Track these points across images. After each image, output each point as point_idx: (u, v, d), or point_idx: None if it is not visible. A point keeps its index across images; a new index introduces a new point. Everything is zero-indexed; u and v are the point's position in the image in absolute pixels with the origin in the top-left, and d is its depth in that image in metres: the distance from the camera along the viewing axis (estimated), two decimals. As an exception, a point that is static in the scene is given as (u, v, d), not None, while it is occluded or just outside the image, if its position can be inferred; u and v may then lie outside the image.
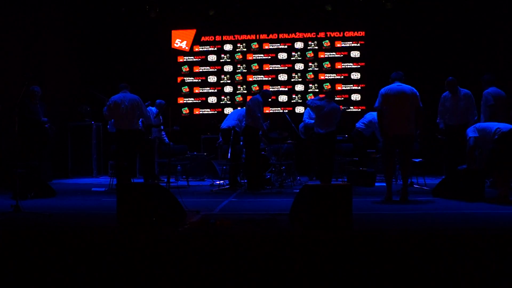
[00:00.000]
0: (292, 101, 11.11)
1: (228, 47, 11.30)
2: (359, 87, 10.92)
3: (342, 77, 10.99)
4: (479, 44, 9.87)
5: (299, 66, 11.13)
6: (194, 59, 11.36)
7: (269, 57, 11.19)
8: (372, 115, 8.03)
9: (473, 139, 5.84)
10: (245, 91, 11.05)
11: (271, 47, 11.21)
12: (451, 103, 7.24)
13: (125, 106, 6.76)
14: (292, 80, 11.13)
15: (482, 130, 5.90)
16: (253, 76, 11.22)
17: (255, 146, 7.18)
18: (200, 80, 11.37)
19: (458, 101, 7.18)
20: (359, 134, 8.18)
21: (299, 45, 11.13)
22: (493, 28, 9.66)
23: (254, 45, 11.22)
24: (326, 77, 11.04)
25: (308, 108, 8.68)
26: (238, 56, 11.25)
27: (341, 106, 8.17)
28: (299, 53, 11.14)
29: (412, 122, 5.88)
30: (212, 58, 11.31)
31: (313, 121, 8.40)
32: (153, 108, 8.26)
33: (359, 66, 10.95)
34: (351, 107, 10.66)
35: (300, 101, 11.03)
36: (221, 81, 11.30)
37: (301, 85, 11.11)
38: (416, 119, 5.88)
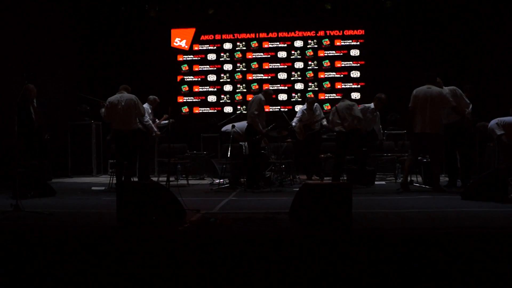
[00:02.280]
0: (292, 99, 11.11)
1: (227, 45, 11.29)
2: (359, 86, 10.92)
3: (342, 75, 11.00)
4: (479, 43, 9.86)
5: (299, 65, 11.13)
6: (194, 58, 11.36)
7: (269, 56, 11.19)
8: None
9: (503, 136, 5.90)
10: (245, 90, 11.06)
11: (270, 45, 11.21)
12: None
13: (122, 106, 6.82)
14: (292, 78, 11.13)
15: (508, 125, 5.94)
16: (253, 75, 11.22)
17: (256, 145, 7.18)
18: (199, 79, 11.37)
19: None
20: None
21: (298, 43, 11.13)
22: (493, 27, 9.65)
23: (254, 44, 11.21)
24: (325, 76, 11.04)
25: (301, 109, 8.60)
26: (238, 54, 11.25)
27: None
28: (298, 51, 11.13)
29: (436, 122, 6.35)
30: (211, 56, 11.31)
31: (294, 123, 8.36)
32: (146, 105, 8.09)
33: (358, 65, 10.95)
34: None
35: (300, 99, 11.03)
36: (221, 80, 11.30)
37: (301, 83, 11.11)
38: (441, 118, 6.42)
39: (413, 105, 6.50)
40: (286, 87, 11.15)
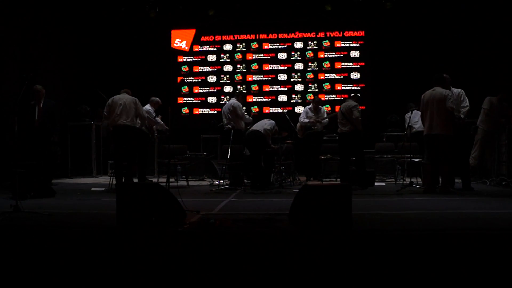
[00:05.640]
0: (292, 101, 11.11)
1: (227, 47, 11.30)
2: (359, 87, 10.92)
3: (342, 77, 11.00)
4: (479, 43, 9.87)
5: (299, 66, 11.13)
6: (194, 59, 11.37)
7: (269, 57, 11.20)
8: None
9: None
10: (245, 91, 11.04)
11: (270, 47, 11.21)
12: None
13: (123, 102, 7.03)
14: (292, 80, 11.14)
15: None
16: (253, 76, 11.22)
17: (266, 148, 7.27)
18: (199, 80, 11.37)
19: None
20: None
21: (298, 45, 11.13)
22: (492, 28, 9.66)
23: (254, 45, 11.22)
24: (325, 77, 11.05)
25: (306, 108, 8.78)
26: (238, 56, 11.25)
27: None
28: (298, 53, 11.14)
29: (442, 123, 6.36)
30: (211, 58, 11.31)
31: (307, 120, 8.52)
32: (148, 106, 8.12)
33: (358, 66, 10.96)
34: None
35: (300, 101, 11.03)
36: (221, 81, 11.31)
37: (301, 85, 11.11)
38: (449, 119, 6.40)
39: (421, 108, 6.64)
40: (286, 88, 11.16)
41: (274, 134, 7.53)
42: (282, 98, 11.11)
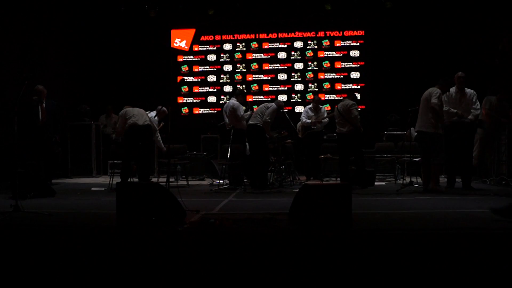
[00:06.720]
0: (292, 100, 11.11)
1: (227, 46, 11.30)
2: (359, 86, 10.92)
3: (342, 76, 11.00)
4: (479, 43, 9.86)
5: (299, 66, 11.13)
6: (194, 59, 11.37)
7: (269, 57, 11.20)
8: None
9: None
10: (245, 91, 11.04)
11: (270, 46, 11.21)
12: (455, 99, 6.93)
13: (136, 109, 7.23)
14: (292, 79, 11.14)
15: None
16: (253, 76, 11.22)
17: (262, 145, 7.24)
18: (199, 80, 11.37)
19: (462, 98, 7.00)
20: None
21: (298, 44, 11.13)
22: (493, 27, 9.65)
23: (254, 45, 11.22)
24: (325, 77, 11.05)
25: (306, 107, 8.82)
26: (238, 55, 11.25)
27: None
28: (298, 52, 11.14)
29: (429, 122, 6.42)
30: (211, 57, 11.31)
31: (309, 120, 8.53)
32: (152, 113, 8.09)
33: (358, 65, 10.96)
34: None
35: (300, 100, 11.03)
36: (221, 81, 11.31)
37: (301, 84, 11.11)
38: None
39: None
40: (286, 88, 11.16)
41: (281, 109, 7.54)
42: (282, 97, 11.10)
